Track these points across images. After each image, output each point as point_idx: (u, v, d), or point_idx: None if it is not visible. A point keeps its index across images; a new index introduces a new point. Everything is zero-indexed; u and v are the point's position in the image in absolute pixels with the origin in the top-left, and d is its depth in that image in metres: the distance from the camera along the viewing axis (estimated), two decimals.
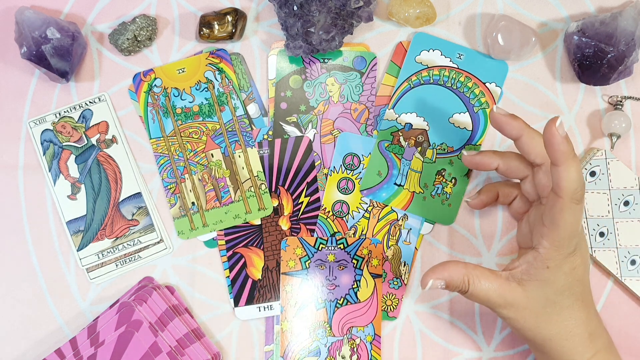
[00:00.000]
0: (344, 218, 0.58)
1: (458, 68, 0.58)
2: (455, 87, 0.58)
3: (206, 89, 0.58)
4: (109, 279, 0.57)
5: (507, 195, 0.54)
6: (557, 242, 0.45)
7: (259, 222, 0.57)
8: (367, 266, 0.57)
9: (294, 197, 0.58)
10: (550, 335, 0.47)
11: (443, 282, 0.47)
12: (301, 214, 0.58)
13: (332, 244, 0.57)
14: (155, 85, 0.57)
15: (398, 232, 0.58)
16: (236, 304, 0.56)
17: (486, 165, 0.52)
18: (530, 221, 0.51)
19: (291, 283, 0.56)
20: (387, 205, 0.58)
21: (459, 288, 0.47)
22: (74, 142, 0.57)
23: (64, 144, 0.57)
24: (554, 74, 0.59)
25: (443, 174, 0.58)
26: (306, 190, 0.58)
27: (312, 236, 0.57)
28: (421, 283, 0.47)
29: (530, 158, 0.49)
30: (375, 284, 0.57)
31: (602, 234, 0.57)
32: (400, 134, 0.58)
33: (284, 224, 0.57)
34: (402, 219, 0.58)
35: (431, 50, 0.58)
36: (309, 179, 0.58)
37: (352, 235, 0.57)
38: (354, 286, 0.57)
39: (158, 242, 0.57)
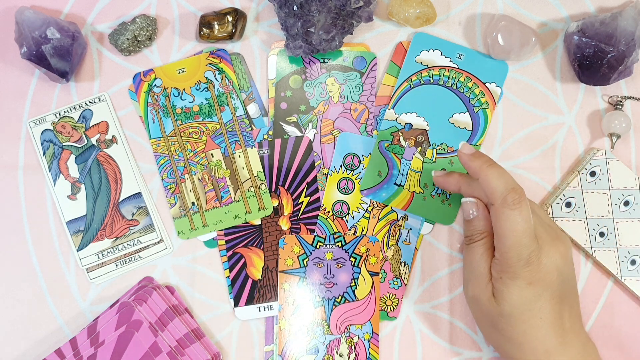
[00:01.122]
0: (344, 218, 0.58)
1: (458, 68, 0.58)
2: (455, 87, 0.58)
3: (206, 89, 0.58)
4: (109, 279, 0.57)
5: (467, 194, 0.53)
6: (504, 252, 0.46)
7: (259, 222, 0.57)
8: (365, 264, 0.57)
9: (294, 197, 0.58)
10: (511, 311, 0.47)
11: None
12: (301, 214, 0.58)
13: (330, 242, 0.57)
14: (155, 85, 0.57)
15: (398, 232, 0.58)
16: (236, 304, 0.56)
17: (448, 187, 0.54)
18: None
19: (289, 281, 0.56)
20: (387, 205, 0.58)
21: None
22: (74, 142, 0.57)
23: (64, 144, 0.57)
24: (554, 74, 0.59)
25: None
26: (306, 190, 0.58)
27: (311, 235, 0.57)
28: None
29: (474, 174, 0.49)
30: (373, 282, 0.57)
31: (602, 234, 0.57)
32: (400, 134, 0.58)
33: (284, 224, 0.57)
34: (402, 219, 0.58)
35: (431, 50, 0.58)
36: (309, 179, 0.58)
37: (352, 235, 0.57)
38: (351, 284, 0.57)
39: (158, 242, 0.57)
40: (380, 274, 0.57)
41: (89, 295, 0.57)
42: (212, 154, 0.57)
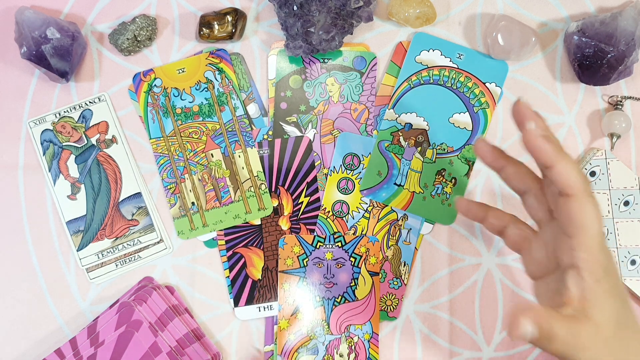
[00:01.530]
0: (344, 218, 0.58)
1: (458, 68, 0.58)
2: (455, 87, 0.58)
3: (206, 89, 0.58)
4: (109, 279, 0.57)
5: (497, 217, 0.46)
6: (592, 245, 0.38)
7: (259, 222, 0.57)
8: (365, 264, 0.57)
9: (294, 197, 0.58)
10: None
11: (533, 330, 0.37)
12: (301, 214, 0.58)
13: (329, 242, 0.57)
14: (155, 85, 0.57)
15: (398, 232, 0.58)
16: (236, 304, 0.56)
17: (493, 163, 0.45)
18: (546, 242, 0.43)
19: (289, 281, 0.56)
20: (387, 205, 0.58)
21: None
22: (74, 142, 0.57)
23: (64, 144, 0.57)
24: (554, 74, 0.59)
25: (443, 174, 0.58)
26: (306, 190, 0.58)
27: (311, 235, 0.57)
28: (513, 330, 0.37)
29: (542, 163, 0.40)
30: (373, 282, 0.57)
31: None
32: (400, 134, 0.58)
33: (284, 224, 0.57)
34: (402, 219, 0.58)
35: (431, 50, 0.58)
36: (309, 179, 0.58)
37: (352, 235, 0.57)
38: (351, 284, 0.57)
39: (158, 242, 0.57)
40: (380, 274, 0.57)
41: (89, 295, 0.57)
42: (212, 154, 0.57)
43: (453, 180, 0.58)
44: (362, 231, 0.57)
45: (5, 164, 0.57)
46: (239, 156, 0.57)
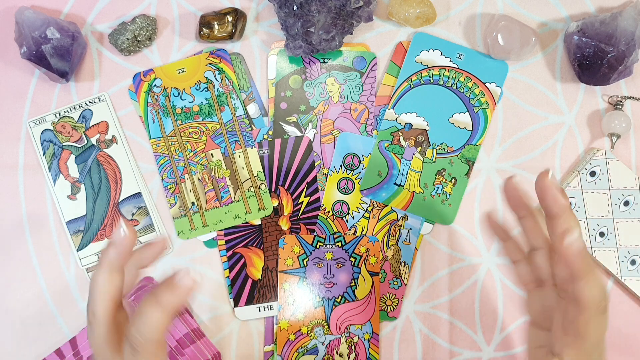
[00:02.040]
0: (344, 218, 0.58)
1: (458, 68, 0.58)
2: (455, 87, 0.58)
3: (206, 89, 0.58)
4: None
5: (515, 249, 0.46)
6: (584, 353, 0.39)
7: (259, 222, 0.57)
8: (365, 264, 0.57)
9: (294, 197, 0.58)
10: None
11: None
12: (301, 214, 0.58)
13: (330, 242, 0.57)
14: (155, 85, 0.57)
15: (398, 232, 0.58)
16: (236, 304, 0.56)
17: (516, 208, 0.44)
18: (544, 303, 0.43)
19: (289, 281, 0.56)
20: (387, 205, 0.58)
21: None
22: (73, 142, 0.57)
23: (63, 144, 0.57)
24: (554, 74, 0.59)
25: (443, 174, 0.58)
26: (306, 190, 0.58)
27: (311, 235, 0.57)
28: None
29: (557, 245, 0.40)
30: (373, 282, 0.57)
31: (602, 234, 0.57)
32: (400, 134, 0.58)
33: (284, 224, 0.57)
34: (402, 219, 0.58)
35: (431, 50, 0.58)
36: (309, 179, 0.58)
37: (352, 235, 0.57)
38: (351, 284, 0.57)
39: None
40: (380, 274, 0.57)
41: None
42: (212, 154, 0.57)
43: (453, 180, 0.58)
44: (362, 231, 0.57)
45: (5, 164, 0.57)
46: (239, 156, 0.57)
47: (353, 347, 0.56)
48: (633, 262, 0.57)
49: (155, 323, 0.36)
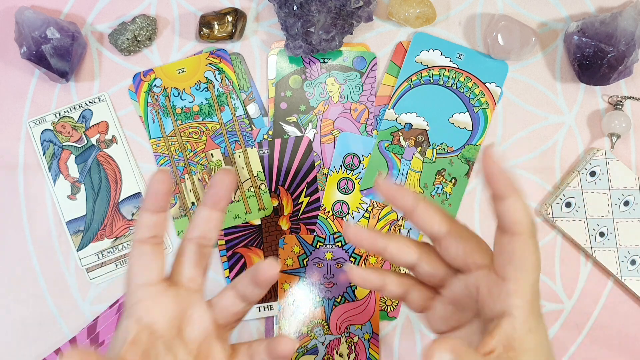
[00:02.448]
0: (344, 218, 0.58)
1: (458, 68, 0.58)
2: (455, 87, 0.58)
3: (206, 89, 0.58)
4: (109, 279, 0.57)
5: (397, 284, 0.42)
6: (530, 292, 0.36)
7: (259, 222, 0.57)
8: (365, 264, 0.57)
9: (294, 197, 0.58)
10: None
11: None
12: (301, 214, 0.58)
13: (330, 242, 0.57)
14: (155, 85, 0.57)
15: (398, 232, 0.58)
16: None
17: (371, 247, 0.41)
18: (454, 297, 0.40)
19: (289, 281, 0.56)
20: (387, 205, 0.58)
21: None
22: (73, 142, 0.57)
23: (63, 144, 0.57)
24: (554, 74, 0.59)
25: (443, 174, 0.58)
26: (306, 190, 0.58)
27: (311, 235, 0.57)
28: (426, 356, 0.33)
29: (432, 229, 0.39)
30: None
31: (602, 234, 0.57)
32: (400, 134, 0.58)
33: (284, 224, 0.57)
34: (402, 219, 0.58)
35: (431, 50, 0.58)
36: (309, 179, 0.58)
37: None
38: (351, 284, 0.57)
39: None
40: None
41: (89, 295, 0.57)
42: (212, 154, 0.57)
43: (453, 180, 0.58)
44: None
45: (5, 164, 0.57)
46: (239, 156, 0.57)
47: (353, 347, 0.56)
48: (633, 262, 0.57)
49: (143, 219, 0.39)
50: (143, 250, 0.40)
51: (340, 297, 0.56)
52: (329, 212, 0.58)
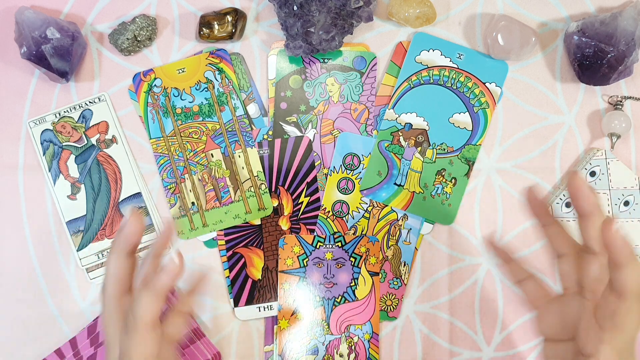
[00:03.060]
0: (344, 218, 0.58)
1: (458, 68, 0.58)
2: (455, 87, 0.58)
3: (206, 89, 0.58)
4: None
5: (516, 271, 0.47)
6: (621, 347, 0.39)
7: (259, 222, 0.57)
8: (365, 264, 0.57)
9: (294, 197, 0.58)
10: None
11: None
12: (301, 214, 0.58)
13: (330, 242, 0.57)
14: (155, 85, 0.57)
15: (398, 232, 0.58)
16: (236, 304, 0.56)
17: (542, 216, 0.44)
18: (566, 312, 0.43)
19: (289, 281, 0.56)
20: (387, 205, 0.58)
21: None
22: (73, 142, 0.57)
23: (64, 144, 0.57)
24: (554, 74, 0.59)
25: (443, 174, 0.58)
26: (306, 190, 0.58)
27: (311, 235, 0.57)
28: None
29: (590, 243, 0.41)
30: (373, 282, 0.57)
31: None
32: (400, 134, 0.58)
33: (284, 224, 0.57)
34: (402, 219, 0.58)
35: (431, 50, 0.58)
36: (309, 179, 0.58)
37: (352, 235, 0.57)
38: (351, 284, 0.57)
39: None
40: (380, 274, 0.57)
41: (89, 295, 0.57)
42: (212, 154, 0.57)
43: (453, 180, 0.58)
44: (362, 231, 0.57)
45: (5, 164, 0.57)
46: (239, 156, 0.57)
47: (353, 347, 0.56)
48: None
49: (146, 305, 0.40)
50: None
51: (340, 297, 0.56)
52: (329, 212, 0.58)
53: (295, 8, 0.54)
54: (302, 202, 0.58)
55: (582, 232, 0.41)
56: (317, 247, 0.57)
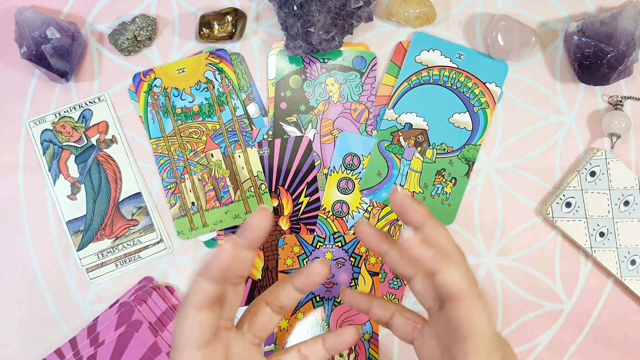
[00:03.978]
0: (344, 218, 0.58)
1: (458, 68, 0.58)
2: (455, 87, 0.58)
3: (206, 89, 0.58)
4: (108, 279, 0.57)
5: (382, 307, 0.44)
6: (485, 350, 0.36)
7: None
8: (365, 264, 0.57)
9: (294, 197, 0.58)
10: None
11: None
12: (301, 214, 0.58)
13: (330, 242, 0.57)
14: (155, 85, 0.57)
15: (398, 232, 0.58)
16: None
17: (375, 247, 0.41)
18: (438, 333, 0.40)
19: None
20: (387, 205, 0.58)
21: None
22: (73, 142, 0.57)
23: (63, 144, 0.57)
24: (554, 74, 0.59)
25: (443, 174, 0.58)
26: (306, 190, 0.58)
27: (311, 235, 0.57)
28: None
29: (427, 270, 0.38)
30: (373, 282, 0.57)
31: (602, 234, 0.57)
32: (400, 134, 0.58)
33: (284, 224, 0.57)
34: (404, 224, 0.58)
35: (431, 50, 0.58)
36: (309, 179, 0.58)
37: (352, 235, 0.57)
38: (351, 284, 0.57)
39: (158, 242, 0.57)
40: (380, 274, 0.57)
41: (89, 295, 0.57)
42: (212, 154, 0.57)
43: (453, 180, 0.58)
44: None
45: (5, 164, 0.57)
46: (239, 156, 0.57)
47: (353, 347, 0.56)
48: (633, 262, 0.57)
49: (197, 290, 0.36)
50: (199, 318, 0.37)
51: (340, 297, 0.56)
52: (329, 212, 0.58)
53: (295, 8, 0.54)
54: (302, 202, 0.58)
55: (434, 287, 0.37)
56: (317, 247, 0.57)
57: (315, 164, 0.58)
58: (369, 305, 0.44)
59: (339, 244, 0.57)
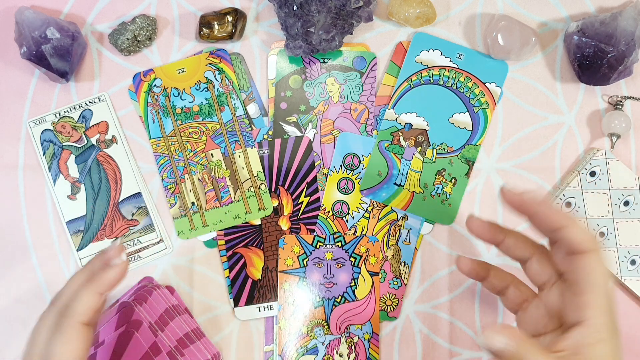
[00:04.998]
0: (344, 218, 0.58)
1: (458, 68, 0.58)
2: (455, 87, 0.58)
3: (206, 89, 0.58)
4: None
5: (499, 278, 0.47)
6: (601, 304, 0.38)
7: (259, 222, 0.57)
8: (365, 264, 0.57)
9: (293, 197, 0.58)
10: None
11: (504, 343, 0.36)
12: (301, 214, 0.58)
13: (329, 242, 0.57)
14: (155, 85, 0.57)
15: (398, 232, 0.58)
16: (236, 304, 0.56)
17: (491, 238, 0.45)
18: (547, 304, 0.42)
19: (289, 281, 0.56)
20: (387, 205, 0.58)
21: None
22: (73, 142, 0.57)
23: (63, 144, 0.57)
24: (554, 74, 0.59)
25: (443, 174, 0.58)
26: (306, 190, 0.58)
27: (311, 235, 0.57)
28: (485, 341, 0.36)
29: (552, 226, 0.40)
30: (373, 282, 0.57)
31: (602, 234, 0.57)
32: (400, 134, 0.58)
33: (284, 224, 0.57)
34: (402, 219, 0.58)
35: (431, 50, 0.58)
36: (309, 179, 0.58)
37: (352, 235, 0.57)
38: (351, 284, 0.57)
39: (158, 242, 0.57)
40: (380, 274, 0.57)
41: None
42: (212, 154, 0.57)
43: (453, 180, 0.58)
44: (362, 231, 0.57)
45: (5, 164, 0.57)
46: (239, 156, 0.57)
47: (353, 347, 0.56)
48: (633, 262, 0.57)
49: (86, 300, 0.38)
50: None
51: (340, 297, 0.56)
52: (329, 212, 0.58)
53: (295, 8, 0.54)
54: (302, 202, 0.58)
55: (560, 240, 0.40)
56: (317, 247, 0.57)
57: (315, 164, 0.58)
58: (486, 274, 0.47)
59: (339, 244, 0.57)
